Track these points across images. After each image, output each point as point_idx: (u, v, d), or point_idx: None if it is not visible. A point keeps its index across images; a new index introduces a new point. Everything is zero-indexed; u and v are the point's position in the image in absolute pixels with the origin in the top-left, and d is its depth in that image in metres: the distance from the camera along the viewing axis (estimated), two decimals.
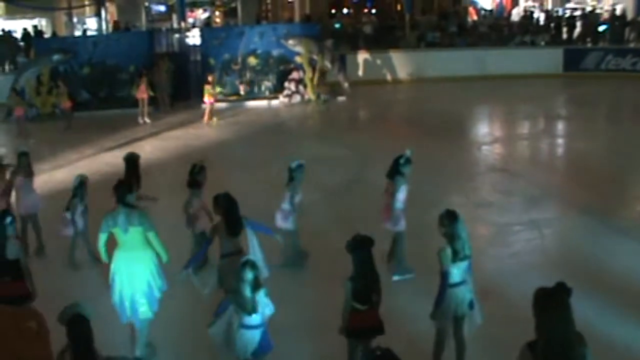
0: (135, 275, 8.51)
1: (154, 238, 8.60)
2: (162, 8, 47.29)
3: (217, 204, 9.25)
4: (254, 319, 7.30)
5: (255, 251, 9.15)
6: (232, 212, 9.12)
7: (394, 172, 10.88)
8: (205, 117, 23.84)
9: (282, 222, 11.12)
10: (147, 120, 24.15)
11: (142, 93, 24.02)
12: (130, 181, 9.49)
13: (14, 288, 8.73)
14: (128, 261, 8.53)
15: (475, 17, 39.88)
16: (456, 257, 7.68)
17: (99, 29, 36.69)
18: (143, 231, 8.54)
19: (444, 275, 7.74)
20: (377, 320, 7.54)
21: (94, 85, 27.27)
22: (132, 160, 12.75)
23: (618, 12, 35.41)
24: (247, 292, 7.18)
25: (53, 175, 16.83)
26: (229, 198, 9.24)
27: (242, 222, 9.16)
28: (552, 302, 5.18)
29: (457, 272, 7.77)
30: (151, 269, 8.62)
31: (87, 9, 40.48)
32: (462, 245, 7.73)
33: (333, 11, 43.78)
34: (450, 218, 7.88)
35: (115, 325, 8.61)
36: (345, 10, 45.01)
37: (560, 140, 21.95)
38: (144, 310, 8.52)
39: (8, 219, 8.85)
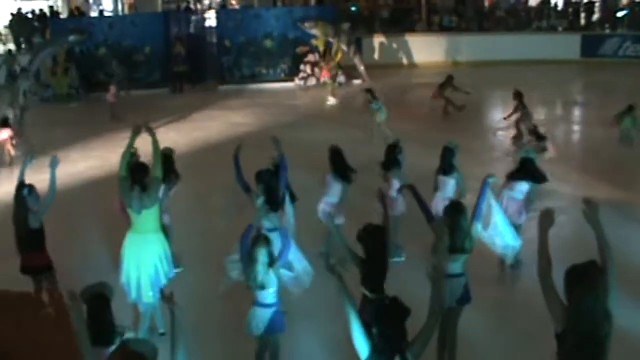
0: (143, 259, 8.56)
1: (157, 166, 8.65)
2: None
3: (259, 179, 9.41)
4: (267, 296, 7.37)
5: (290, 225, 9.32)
6: (272, 188, 9.33)
7: (391, 163, 10.96)
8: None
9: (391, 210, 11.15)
10: None
11: None
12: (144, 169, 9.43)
13: (38, 258, 8.87)
14: (138, 244, 8.58)
15: (492, 2, 39.59)
16: (454, 249, 7.66)
17: (115, 9, 36.66)
18: (154, 213, 8.58)
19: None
20: None
21: (109, 66, 27.28)
22: (166, 157, 12.15)
23: None
24: (262, 267, 7.22)
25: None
26: (271, 174, 9.54)
27: (280, 200, 9.39)
28: (584, 278, 5.36)
29: (455, 264, 7.75)
30: (160, 254, 8.65)
31: None
32: (462, 238, 7.69)
33: None
34: (454, 209, 7.85)
35: (123, 303, 8.62)
36: None
37: (576, 127, 21.83)
38: (148, 294, 8.54)
39: (25, 190, 8.94)
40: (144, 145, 9.52)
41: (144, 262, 8.55)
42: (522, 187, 10.90)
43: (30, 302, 6.22)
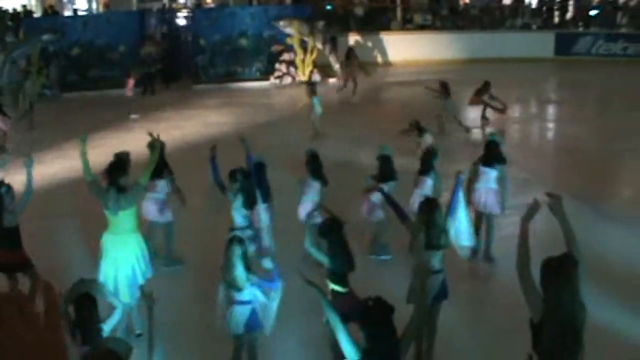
0: (120, 259, 8.52)
1: (145, 179, 8.67)
2: None
3: (234, 179, 9.46)
4: (243, 294, 7.38)
5: (264, 224, 9.33)
6: (247, 190, 9.36)
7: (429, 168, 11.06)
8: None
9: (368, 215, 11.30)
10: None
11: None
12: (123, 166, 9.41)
13: (14, 256, 8.83)
14: (115, 244, 8.55)
15: (467, 0, 39.74)
16: (430, 245, 7.72)
17: (89, 8, 36.43)
18: (132, 214, 8.56)
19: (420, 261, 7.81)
20: (359, 302, 7.53)
21: (83, 66, 27.10)
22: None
23: None
24: (238, 268, 7.24)
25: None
26: (245, 173, 9.57)
27: (256, 198, 9.31)
28: (561, 271, 5.44)
29: (433, 260, 7.81)
30: (137, 254, 8.63)
31: None
32: (437, 234, 7.76)
33: None
34: (429, 205, 7.92)
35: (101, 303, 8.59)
36: None
37: (551, 125, 21.97)
38: (126, 295, 8.50)
39: (3, 189, 8.91)
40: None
41: (122, 262, 8.52)
42: (492, 174, 10.99)
43: (13, 301, 6.10)
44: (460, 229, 8.68)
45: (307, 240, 7.79)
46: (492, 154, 11.05)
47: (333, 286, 7.55)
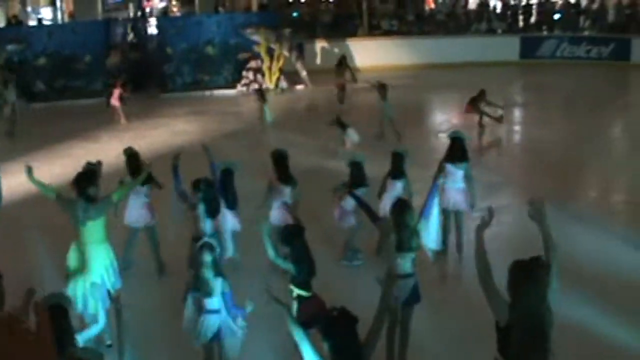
0: (89, 270, 8.45)
1: (118, 195, 8.75)
2: None
3: (197, 189, 9.33)
4: (214, 302, 7.38)
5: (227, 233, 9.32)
6: (211, 200, 9.26)
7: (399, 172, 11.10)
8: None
9: (340, 221, 11.28)
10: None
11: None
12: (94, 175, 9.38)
13: None
14: (84, 255, 8.48)
15: (432, 6, 39.97)
16: (401, 247, 7.75)
17: (54, 18, 36.14)
18: (101, 224, 8.51)
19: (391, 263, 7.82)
20: (324, 305, 7.55)
21: (49, 76, 26.89)
22: (133, 155, 11.49)
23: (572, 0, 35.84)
24: (207, 274, 7.24)
25: None
26: (209, 183, 9.46)
27: (219, 207, 9.22)
28: (530, 273, 5.47)
29: (405, 263, 7.84)
30: (106, 265, 8.56)
31: None
32: (408, 235, 7.80)
33: (291, 0, 43.59)
34: (399, 207, 7.96)
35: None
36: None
37: (517, 127, 22.14)
38: (93, 305, 8.42)
39: None
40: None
41: (91, 272, 8.46)
42: (459, 173, 11.14)
43: (3, 321, 5.96)
44: (431, 232, 8.74)
45: (270, 251, 7.76)
46: (457, 152, 11.18)
47: (298, 291, 7.58)
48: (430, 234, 8.75)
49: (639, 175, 16.07)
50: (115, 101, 22.37)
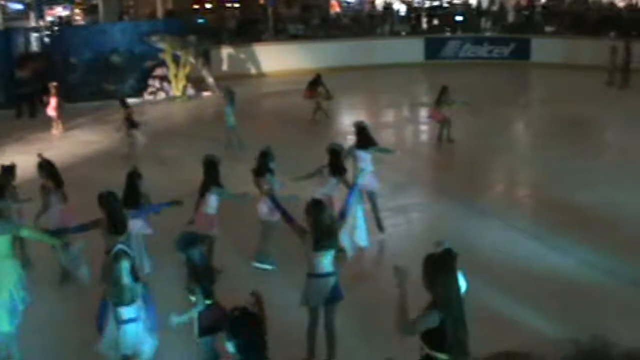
0: None
1: (28, 233, 8.48)
2: (18, 6, 45.57)
3: (102, 203, 9.11)
4: (132, 310, 7.29)
5: (138, 249, 9.21)
6: (116, 212, 9.04)
7: (264, 169, 11.05)
8: None
9: (269, 215, 11.04)
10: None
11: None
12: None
13: None
14: None
15: (337, 9, 40.34)
16: (319, 246, 7.81)
17: None
18: (8, 240, 8.32)
19: (309, 263, 7.92)
20: (224, 312, 7.51)
21: None
22: (49, 165, 11.55)
23: (474, 2, 36.67)
24: (126, 280, 7.16)
25: None
26: (115, 197, 9.21)
27: (126, 222, 9.07)
28: (446, 265, 5.64)
29: (323, 262, 7.90)
30: (14, 281, 8.36)
31: None
32: (326, 235, 7.87)
33: (196, 6, 43.38)
34: (316, 207, 8.01)
35: None
36: (208, 5, 44.67)
37: (424, 127, 22.48)
38: (4, 322, 8.23)
39: None
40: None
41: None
42: (367, 157, 12.03)
43: None
44: (359, 230, 8.82)
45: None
46: (363, 138, 12.19)
47: (206, 301, 7.50)
48: (359, 232, 8.84)
49: (541, 170, 16.50)
50: (52, 111, 21.77)
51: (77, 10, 47.75)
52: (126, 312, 7.29)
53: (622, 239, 11.67)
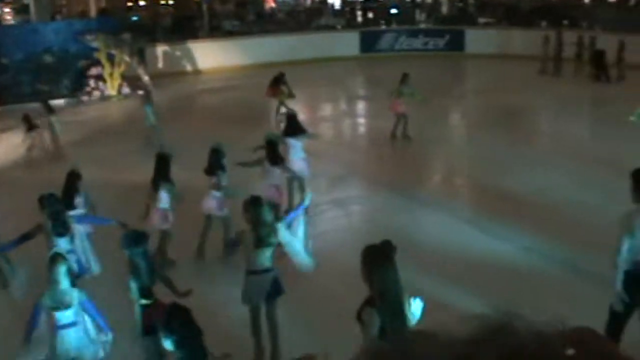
0: None
1: None
2: None
3: (43, 205, 9.03)
4: (69, 316, 7.16)
5: (84, 249, 9.10)
6: (58, 214, 8.91)
7: (216, 167, 11.03)
8: None
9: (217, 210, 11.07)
10: None
11: None
12: None
13: None
14: None
15: (272, 4, 40.30)
16: (260, 243, 7.82)
17: None
18: None
19: (249, 260, 7.91)
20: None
21: None
22: None
23: None
24: (64, 284, 7.06)
25: None
26: (56, 199, 9.11)
27: (68, 223, 8.96)
28: (384, 257, 5.65)
29: (263, 258, 7.92)
30: None
31: None
32: (267, 231, 7.87)
33: (130, 4, 42.96)
34: (254, 204, 8.02)
35: None
36: (142, 3, 44.26)
37: (361, 120, 22.63)
38: None
39: None
40: None
41: None
42: (298, 144, 12.65)
43: None
44: (298, 245, 8.69)
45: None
46: (293, 127, 12.85)
47: (142, 301, 7.47)
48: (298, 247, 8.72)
49: (478, 159, 16.71)
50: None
51: (6, 10, 46.88)
52: (64, 316, 7.18)
53: (558, 224, 11.89)
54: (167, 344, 5.25)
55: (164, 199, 10.72)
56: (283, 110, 19.94)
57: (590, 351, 1.07)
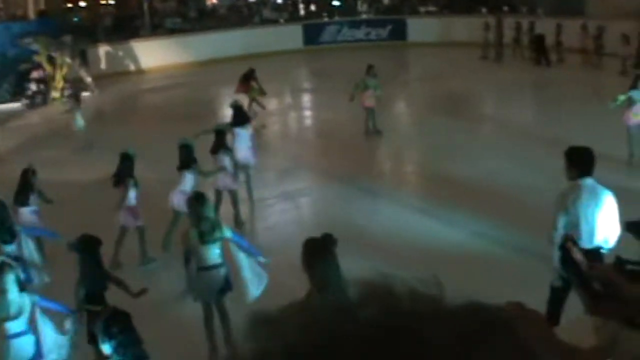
0: None
1: None
2: None
3: None
4: (19, 324, 7.04)
5: (32, 256, 9.03)
6: (4, 221, 8.84)
7: (188, 162, 11.05)
8: None
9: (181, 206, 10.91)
10: None
11: None
12: None
13: None
14: None
15: (214, 1, 40.12)
16: (203, 238, 7.84)
17: None
18: None
19: (186, 255, 7.92)
20: None
21: None
22: None
23: None
24: (13, 293, 6.94)
25: None
26: (3, 206, 9.10)
27: (14, 231, 8.90)
28: (324, 250, 5.69)
29: (211, 254, 7.93)
30: None
31: None
32: (209, 227, 7.88)
33: (69, 5, 42.33)
34: (198, 199, 8.04)
35: None
36: (82, 3, 43.64)
37: (307, 113, 22.70)
38: None
39: None
40: None
41: None
42: (245, 134, 12.98)
43: None
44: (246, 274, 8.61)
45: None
46: (240, 116, 13.23)
47: (88, 306, 7.46)
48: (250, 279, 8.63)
49: (426, 147, 16.88)
50: None
51: None
52: (13, 326, 7.09)
53: (507, 208, 12.02)
54: (106, 349, 5.26)
55: (130, 195, 10.70)
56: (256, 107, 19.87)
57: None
